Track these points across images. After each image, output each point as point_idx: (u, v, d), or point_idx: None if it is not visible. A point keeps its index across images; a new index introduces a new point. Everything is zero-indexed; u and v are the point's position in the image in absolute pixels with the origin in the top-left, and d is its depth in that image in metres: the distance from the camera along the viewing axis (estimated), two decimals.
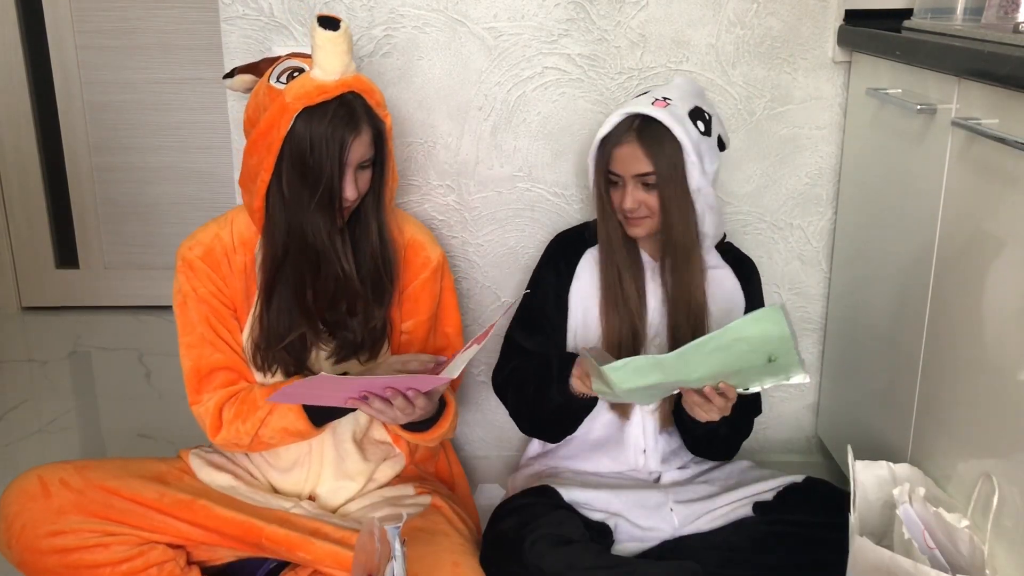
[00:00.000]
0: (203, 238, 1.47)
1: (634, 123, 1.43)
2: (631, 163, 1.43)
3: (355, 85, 1.35)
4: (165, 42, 2.74)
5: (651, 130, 1.42)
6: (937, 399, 1.38)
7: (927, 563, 1.17)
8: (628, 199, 1.44)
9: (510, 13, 1.68)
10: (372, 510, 1.50)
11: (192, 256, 1.46)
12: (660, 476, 1.59)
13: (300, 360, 1.45)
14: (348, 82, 1.34)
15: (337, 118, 1.32)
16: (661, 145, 1.41)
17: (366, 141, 1.36)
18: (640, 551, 1.49)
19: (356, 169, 1.36)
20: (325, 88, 1.32)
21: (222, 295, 1.46)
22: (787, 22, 1.70)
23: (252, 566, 1.48)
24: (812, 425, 1.94)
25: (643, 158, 1.42)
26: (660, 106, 1.43)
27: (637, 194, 1.44)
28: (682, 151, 1.41)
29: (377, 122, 1.38)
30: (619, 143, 1.44)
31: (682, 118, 1.43)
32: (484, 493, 1.86)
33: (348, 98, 1.34)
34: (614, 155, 1.45)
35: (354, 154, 1.35)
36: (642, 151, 1.42)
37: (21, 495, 1.36)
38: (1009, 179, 1.17)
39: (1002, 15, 1.36)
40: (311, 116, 1.32)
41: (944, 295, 1.35)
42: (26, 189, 2.86)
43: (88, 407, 2.35)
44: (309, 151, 1.32)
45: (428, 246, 1.54)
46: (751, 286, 1.60)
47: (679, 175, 1.42)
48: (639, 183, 1.44)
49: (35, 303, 2.95)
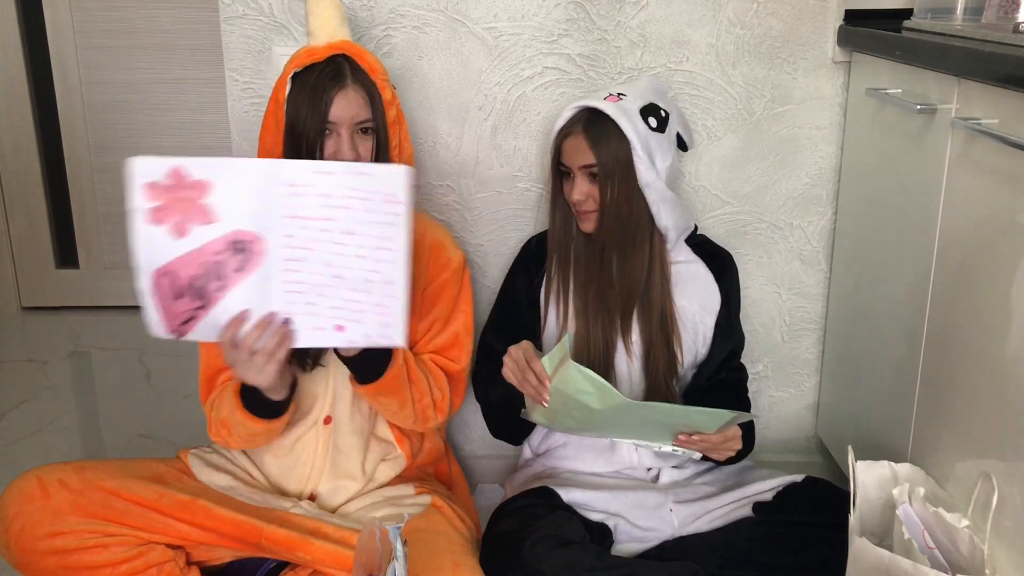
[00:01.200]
0: None
1: (583, 116, 1.47)
2: (576, 155, 1.47)
3: (344, 48, 1.38)
4: (165, 42, 2.74)
5: (598, 124, 1.45)
6: (937, 399, 1.38)
7: (927, 563, 1.17)
8: (575, 191, 1.48)
9: (510, 13, 1.68)
10: (372, 510, 1.49)
11: None
12: (659, 476, 1.59)
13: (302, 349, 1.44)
14: (336, 45, 1.38)
15: (322, 76, 1.35)
16: (606, 139, 1.44)
17: (355, 99, 1.36)
18: (640, 552, 1.49)
19: (354, 132, 1.37)
20: (313, 51, 1.37)
21: None
22: (787, 22, 1.70)
23: (252, 566, 1.48)
24: (812, 425, 1.94)
25: (587, 150, 1.45)
26: (612, 101, 1.46)
27: (583, 186, 1.47)
28: (629, 145, 1.44)
29: (369, 84, 1.39)
30: (567, 135, 1.48)
31: (631, 112, 1.46)
32: (484, 494, 1.86)
33: (337, 59, 1.37)
34: (563, 147, 1.49)
35: (341, 111, 1.35)
36: (586, 143, 1.45)
37: (20, 496, 1.36)
38: (1009, 179, 1.17)
39: (1002, 15, 1.36)
40: (302, 81, 1.36)
41: (944, 295, 1.35)
42: (26, 189, 2.86)
43: (88, 407, 2.35)
44: (297, 114, 1.35)
45: (450, 248, 1.54)
46: (725, 280, 1.60)
47: (624, 169, 1.45)
48: (585, 175, 1.47)
49: (35, 303, 2.95)
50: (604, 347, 1.53)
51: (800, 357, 1.89)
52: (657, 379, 1.54)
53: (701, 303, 1.57)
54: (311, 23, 1.39)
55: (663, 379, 1.54)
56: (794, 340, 1.88)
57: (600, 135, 1.44)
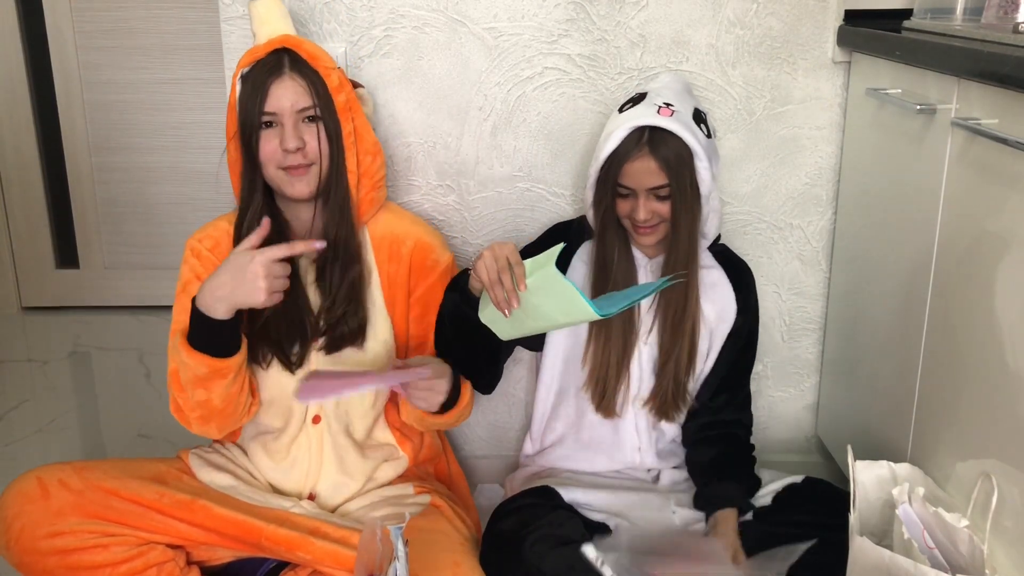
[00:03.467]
0: (213, 232, 1.50)
1: (643, 136, 1.40)
2: (645, 178, 1.41)
3: (284, 41, 1.41)
4: (165, 42, 2.74)
5: (663, 142, 1.40)
6: (937, 399, 1.38)
7: (927, 563, 1.17)
8: (641, 211, 1.42)
9: (510, 13, 1.68)
10: (372, 509, 1.50)
11: (201, 247, 1.49)
12: (659, 476, 1.59)
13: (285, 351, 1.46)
14: (275, 40, 1.41)
15: (260, 68, 1.38)
16: (675, 157, 1.40)
17: (293, 87, 1.38)
18: None
19: (298, 121, 1.38)
20: (255, 50, 1.40)
21: None
22: (787, 22, 1.70)
23: (252, 566, 1.48)
24: (812, 425, 1.94)
25: (658, 172, 1.40)
26: (666, 114, 1.41)
27: (650, 205, 1.43)
28: (693, 158, 1.41)
29: (310, 72, 1.40)
30: (631, 158, 1.41)
31: (689, 124, 1.42)
32: (483, 493, 1.86)
33: (277, 53, 1.40)
34: (625, 170, 1.42)
35: (279, 99, 1.37)
36: (656, 165, 1.40)
37: (20, 497, 1.36)
38: (1009, 179, 1.17)
39: (1002, 15, 1.36)
40: (245, 80, 1.40)
41: (944, 295, 1.35)
42: (26, 189, 2.86)
43: (88, 407, 2.35)
44: (244, 112, 1.38)
45: (437, 249, 1.54)
46: (743, 289, 1.58)
47: (692, 183, 1.42)
48: (652, 195, 1.42)
49: (35, 303, 2.95)
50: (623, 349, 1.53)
51: (800, 357, 1.89)
52: (667, 381, 1.53)
53: (718, 311, 1.56)
54: (253, 26, 1.43)
55: (673, 381, 1.53)
56: (794, 340, 1.88)
57: (669, 155, 1.39)
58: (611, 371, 1.52)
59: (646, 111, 1.42)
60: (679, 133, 1.39)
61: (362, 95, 1.52)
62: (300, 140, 1.38)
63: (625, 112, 1.45)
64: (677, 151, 1.40)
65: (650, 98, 1.45)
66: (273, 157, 1.39)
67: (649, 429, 1.58)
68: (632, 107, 1.45)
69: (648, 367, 1.55)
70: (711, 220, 1.48)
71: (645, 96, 1.47)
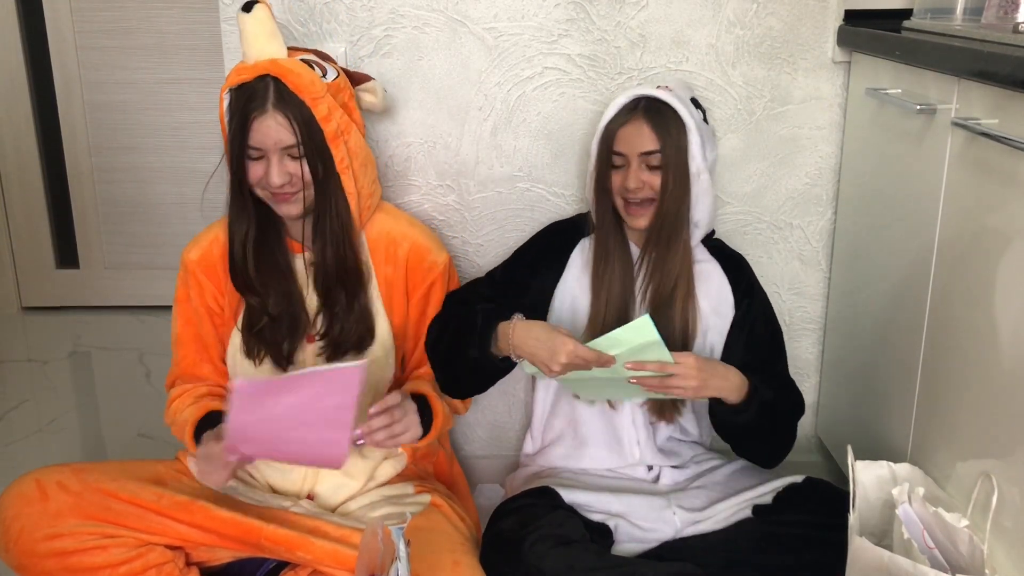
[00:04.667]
0: (203, 241, 1.51)
1: (640, 103, 1.46)
2: (637, 141, 1.45)
3: (270, 69, 1.35)
4: (165, 42, 2.74)
5: (657, 110, 1.44)
6: (937, 399, 1.38)
7: (926, 563, 1.17)
8: (632, 179, 1.45)
9: (510, 13, 1.68)
10: (371, 509, 1.49)
11: (188, 259, 1.51)
12: (659, 475, 1.59)
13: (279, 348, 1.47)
14: (263, 66, 1.35)
15: (244, 99, 1.35)
16: (667, 125, 1.44)
17: (275, 126, 1.35)
18: (640, 552, 1.49)
19: (283, 155, 1.37)
20: (241, 70, 1.36)
21: (214, 303, 1.50)
22: (787, 22, 1.70)
23: (252, 566, 1.48)
24: (812, 425, 1.94)
25: (649, 135, 1.44)
26: (662, 91, 1.46)
27: (641, 174, 1.45)
28: (687, 132, 1.44)
29: (295, 105, 1.36)
30: (624, 122, 1.46)
31: (686, 102, 1.46)
32: (484, 493, 1.86)
33: (263, 81, 1.35)
34: (619, 135, 1.46)
35: (263, 137, 1.35)
36: (649, 128, 1.44)
37: (18, 499, 1.36)
38: (1009, 179, 1.17)
39: (1002, 15, 1.36)
40: (232, 99, 1.37)
41: (944, 295, 1.35)
42: (26, 189, 2.86)
43: (88, 407, 2.35)
44: (230, 134, 1.37)
45: (434, 250, 1.54)
46: (737, 275, 1.58)
47: (683, 156, 1.45)
48: (643, 163, 1.45)
49: (35, 303, 2.95)
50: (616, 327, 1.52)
51: (800, 357, 1.89)
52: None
53: (713, 305, 1.55)
54: (241, 40, 1.37)
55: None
56: (794, 340, 1.88)
57: (662, 121, 1.44)
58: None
59: (645, 88, 1.48)
60: (674, 105, 1.44)
61: (372, 87, 1.53)
62: (286, 175, 1.37)
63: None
64: (670, 121, 1.44)
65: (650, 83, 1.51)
66: (259, 183, 1.40)
67: (646, 424, 1.58)
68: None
69: None
70: (701, 203, 1.48)
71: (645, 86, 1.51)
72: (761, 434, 1.51)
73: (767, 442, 1.54)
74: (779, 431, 1.54)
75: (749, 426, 1.47)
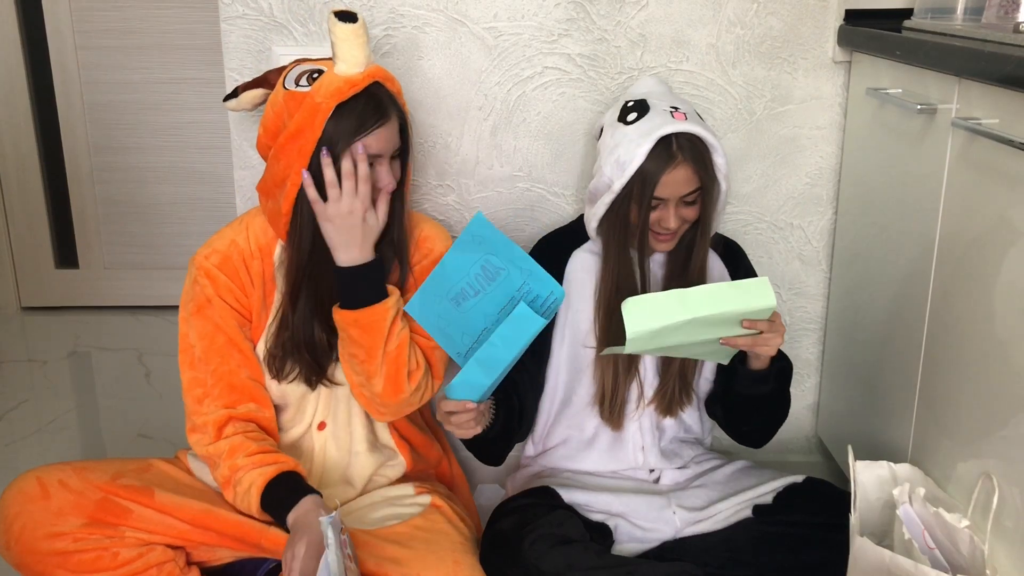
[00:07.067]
0: (219, 245, 1.45)
1: (672, 144, 1.38)
2: (683, 187, 1.40)
3: (378, 75, 1.37)
4: (165, 42, 2.74)
5: (692, 147, 1.39)
6: (937, 399, 1.38)
7: (927, 563, 1.17)
8: (672, 219, 1.41)
9: (510, 13, 1.68)
10: (372, 510, 1.49)
11: (209, 265, 1.44)
12: (660, 476, 1.59)
13: (322, 366, 1.45)
14: (373, 72, 1.35)
15: (368, 109, 1.33)
16: (705, 161, 1.40)
17: (395, 129, 1.37)
18: (640, 552, 1.49)
19: (390, 159, 1.37)
20: (353, 82, 1.33)
21: (239, 305, 1.45)
22: (787, 22, 1.70)
23: (252, 566, 1.48)
24: (812, 425, 1.94)
25: (693, 178, 1.40)
26: (680, 119, 1.40)
27: (681, 212, 1.43)
28: (712, 154, 1.42)
29: (400, 109, 1.39)
30: (667, 167, 1.38)
31: (700, 121, 1.43)
32: (484, 493, 1.86)
33: (373, 89, 1.35)
34: (663, 181, 1.38)
35: (387, 143, 1.35)
36: (693, 172, 1.40)
37: (20, 497, 1.36)
38: (1009, 179, 1.17)
39: (1002, 15, 1.36)
40: (340, 113, 1.32)
41: (944, 295, 1.35)
42: (26, 189, 2.86)
43: (88, 407, 2.35)
44: (337, 141, 1.32)
45: (433, 239, 1.52)
46: (734, 261, 1.60)
47: (716, 183, 1.43)
48: (682, 202, 1.42)
49: (35, 303, 2.95)
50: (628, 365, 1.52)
51: (800, 357, 1.89)
52: (672, 380, 1.53)
53: None
54: (344, 51, 1.32)
55: (679, 379, 1.53)
56: (794, 340, 1.88)
57: (701, 159, 1.39)
58: (619, 387, 1.52)
59: (663, 119, 1.40)
60: (700, 134, 1.39)
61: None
62: (393, 181, 1.38)
63: (635, 124, 1.42)
64: (706, 154, 1.41)
65: (655, 105, 1.43)
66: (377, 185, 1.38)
67: (652, 429, 1.58)
68: (640, 118, 1.42)
69: (652, 370, 1.55)
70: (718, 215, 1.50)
71: (646, 104, 1.44)
72: (773, 406, 1.52)
73: (775, 414, 1.55)
74: (786, 401, 1.54)
75: (770, 396, 1.47)
